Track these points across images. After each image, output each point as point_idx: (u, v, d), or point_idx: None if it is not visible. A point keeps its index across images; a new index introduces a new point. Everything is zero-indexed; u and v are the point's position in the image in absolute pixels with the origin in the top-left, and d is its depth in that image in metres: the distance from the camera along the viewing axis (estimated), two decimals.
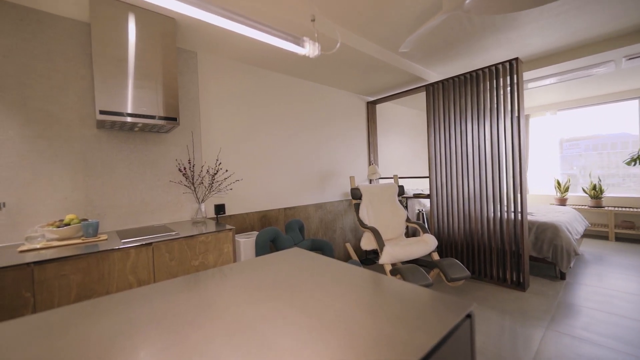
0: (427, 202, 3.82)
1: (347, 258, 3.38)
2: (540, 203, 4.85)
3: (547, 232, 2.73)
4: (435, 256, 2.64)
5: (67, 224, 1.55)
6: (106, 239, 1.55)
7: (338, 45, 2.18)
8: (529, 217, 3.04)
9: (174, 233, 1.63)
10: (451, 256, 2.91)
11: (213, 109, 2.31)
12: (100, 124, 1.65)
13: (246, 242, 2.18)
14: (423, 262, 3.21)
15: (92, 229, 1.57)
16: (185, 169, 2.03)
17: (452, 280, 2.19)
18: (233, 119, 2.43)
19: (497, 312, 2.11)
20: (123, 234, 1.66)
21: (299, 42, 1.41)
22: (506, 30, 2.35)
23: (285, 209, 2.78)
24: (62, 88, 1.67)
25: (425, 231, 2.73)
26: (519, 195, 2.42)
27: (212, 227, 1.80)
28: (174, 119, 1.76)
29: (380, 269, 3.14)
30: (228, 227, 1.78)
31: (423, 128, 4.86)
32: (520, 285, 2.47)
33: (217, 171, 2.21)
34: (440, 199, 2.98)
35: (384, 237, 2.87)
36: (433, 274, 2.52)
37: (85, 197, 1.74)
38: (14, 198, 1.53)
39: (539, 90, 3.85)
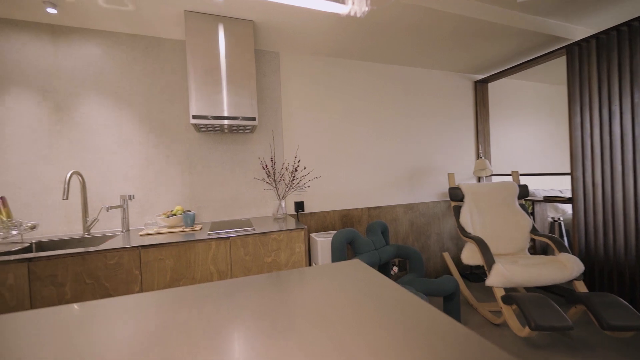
0: (567, 207, 2.82)
1: (444, 270, 2.86)
2: None
3: None
4: (581, 287, 1.86)
5: (174, 214, 1.84)
6: (200, 229, 1.75)
7: None
8: None
9: (250, 229, 1.68)
10: (609, 290, 2.00)
11: (294, 106, 2.32)
12: (197, 128, 1.88)
13: (324, 241, 2.09)
14: (559, 292, 2.36)
15: (189, 220, 1.80)
16: (266, 166, 2.10)
17: (613, 329, 1.47)
18: (313, 116, 2.38)
19: None
20: (215, 226, 1.84)
21: None
22: None
23: (368, 208, 2.56)
24: (172, 100, 1.98)
25: (562, 249, 1.97)
26: None
27: (291, 224, 1.79)
28: (253, 119, 1.83)
29: (489, 293, 2.51)
30: (300, 226, 1.72)
31: (560, 107, 3.63)
32: None
33: (296, 168, 2.20)
34: (591, 205, 2.09)
35: (494, 250, 2.25)
36: (575, 313, 1.78)
37: (189, 191, 2.03)
38: (141, 192, 1.92)
39: None
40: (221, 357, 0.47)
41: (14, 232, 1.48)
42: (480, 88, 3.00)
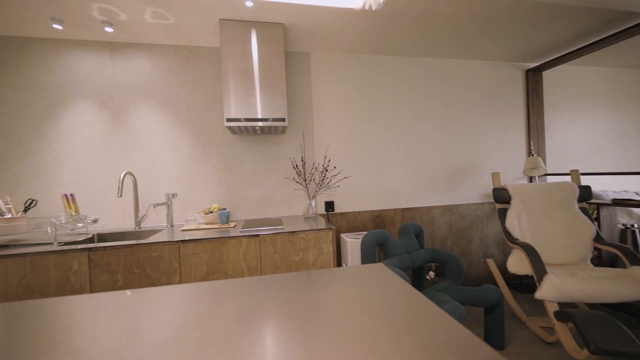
0: None
1: (487, 278, 2.63)
2: None
3: None
4: None
5: (211, 212, 1.95)
6: (233, 227, 1.84)
7: None
8: None
9: (279, 227, 1.72)
10: None
11: (325, 106, 2.31)
12: (232, 130, 1.97)
13: (353, 242, 2.06)
14: (631, 311, 2.02)
15: (224, 217, 1.90)
16: (297, 166, 2.13)
17: None
18: (344, 115, 2.35)
19: None
20: (247, 224, 1.92)
21: None
22: None
23: (402, 209, 2.46)
24: (210, 105, 2.11)
25: (636, 261, 1.69)
26: None
27: (321, 224, 1.80)
28: (283, 120, 1.86)
29: (541, 307, 2.24)
30: (329, 226, 1.71)
31: (634, 96, 3.09)
32: None
33: (326, 168, 2.20)
34: None
35: (547, 260, 2.00)
36: None
37: (225, 190, 2.15)
38: (182, 190, 2.08)
39: None
40: (252, 347, 0.49)
41: (80, 225, 1.70)
42: (533, 77, 2.69)
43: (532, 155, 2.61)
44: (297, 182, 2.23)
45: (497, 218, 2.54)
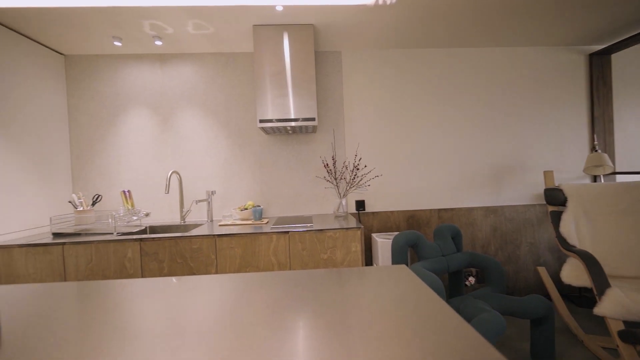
0: None
1: (537, 288, 2.37)
2: None
3: None
4: None
5: (246, 209, 2.06)
6: (266, 223, 1.92)
7: None
8: None
9: (308, 225, 1.75)
10: None
11: (356, 104, 2.29)
12: (265, 131, 2.06)
13: (384, 242, 2.01)
14: None
15: (257, 214, 1.99)
16: (327, 165, 2.15)
17: None
18: (376, 112, 2.30)
19: None
20: (279, 221, 1.99)
21: None
22: None
23: (439, 210, 2.33)
24: (245, 107, 2.23)
25: None
26: None
27: (351, 222, 1.79)
28: (313, 119, 1.89)
29: (602, 324, 1.96)
30: (357, 225, 1.70)
31: None
32: None
33: (357, 167, 2.18)
34: None
35: (610, 271, 1.74)
36: None
37: (260, 188, 2.25)
38: (220, 187, 2.22)
39: None
40: (282, 336, 0.52)
41: (134, 218, 1.93)
42: (599, 62, 2.35)
43: (596, 151, 2.29)
44: (328, 180, 2.24)
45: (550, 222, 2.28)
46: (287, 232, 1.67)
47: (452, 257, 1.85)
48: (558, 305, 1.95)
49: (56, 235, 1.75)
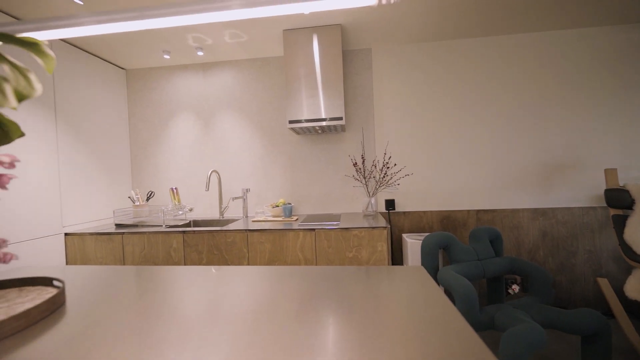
0: None
1: (597, 302, 2.08)
2: None
3: None
4: None
5: (277, 206, 2.16)
6: (295, 220, 1.99)
7: None
8: None
9: (335, 223, 1.78)
10: None
11: (387, 102, 2.25)
12: (295, 131, 2.13)
13: (414, 243, 1.95)
14: None
15: (287, 211, 2.07)
16: (356, 163, 2.14)
17: None
18: (408, 109, 2.23)
19: None
20: (308, 218, 2.05)
21: None
22: None
23: (477, 211, 2.18)
24: (277, 109, 2.32)
25: None
26: None
27: (379, 222, 1.78)
28: (340, 118, 1.91)
29: None
30: (382, 225, 1.68)
31: None
32: None
33: (386, 166, 2.14)
34: None
35: None
36: None
37: (291, 186, 2.33)
38: (254, 186, 2.36)
39: None
40: (306, 326, 0.57)
41: (180, 212, 2.14)
42: None
43: None
44: (357, 179, 2.24)
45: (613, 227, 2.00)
46: (314, 229, 1.71)
47: (489, 262, 1.73)
48: (621, 321, 1.70)
49: (118, 225, 2.03)
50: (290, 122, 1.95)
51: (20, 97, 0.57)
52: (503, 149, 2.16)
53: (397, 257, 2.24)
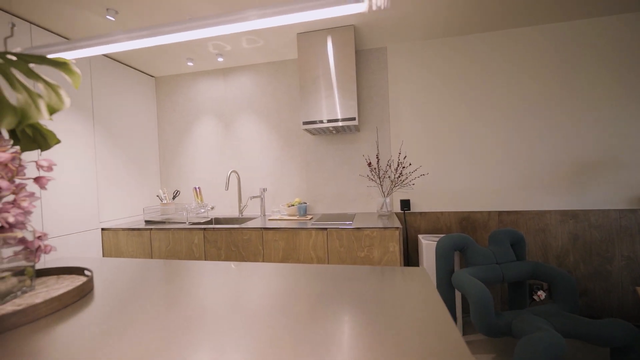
0: None
1: (636, 312, 1.90)
2: None
3: None
4: None
5: (293, 205, 2.22)
6: (310, 219, 2.03)
7: None
8: None
9: (347, 223, 1.80)
10: None
11: (403, 101, 2.21)
12: (310, 132, 2.17)
13: (430, 244, 1.91)
14: None
15: (302, 210, 2.12)
16: (370, 163, 2.14)
17: None
18: (424, 108, 2.18)
19: None
20: (323, 217, 2.08)
21: None
22: None
23: (499, 212, 2.08)
24: (293, 110, 2.38)
25: None
26: None
27: (393, 222, 1.77)
28: (353, 119, 1.92)
29: None
30: (395, 225, 1.67)
31: None
32: None
33: (400, 165, 2.11)
34: None
35: None
36: None
37: (306, 186, 2.38)
38: (271, 185, 2.43)
39: None
40: (321, 323, 0.62)
41: (202, 210, 2.27)
42: None
43: None
44: (371, 179, 2.23)
45: None
46: (326, 228, 1.74)
47: (508, 266, 1.66)
48: None
49: (147, 222, 2.20)
50: (304, 123, 2.00)
51: (52, 111, 0.66)
52: (528, 146, 2.04)
53: (413, 258, 2.21)
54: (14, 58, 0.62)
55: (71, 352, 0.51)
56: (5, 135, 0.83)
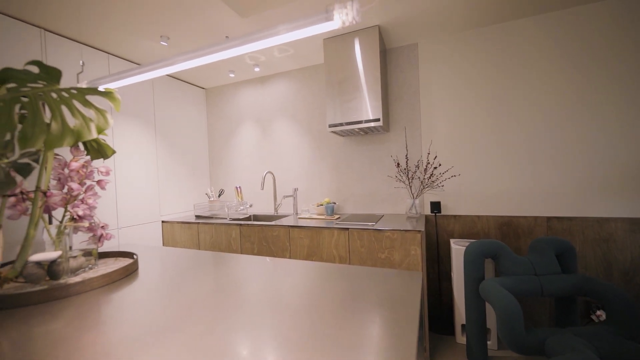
0: None
1: None
2: None
3: None
4: None
5: (322, 205, 2.30)
6: (336, 219, 2.09)
7: None
8: None
9: (370, 224, 1.81)
10: None
11: (434, 98, 2.12)
12: (337, 134, 2.22)
13: (459, 250, 1.81)
14: None
15: (329, 210, 2.19)
16: (399, 164, 2.10)
17: None
18: (459, 106, 2.05)
19: None
20: (350, 217, 2.12)
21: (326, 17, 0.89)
22: None
23: (549, 218, 1.86)
24: (323, 113, 2.46)
25: None
26: None
27: (420, 224, 1.73)
28: (377, 120, 1.91)
29: None
30: (417, 228, 1.63)
31: None
32: None
33: (430, 165, 2.02)
34: None
35: None
36: None
37: (336, 187, 2.44)
38: (302, 185, 2.55)
39: None
40: (338, 321, 0.73)
41: (241, 208, 2.51)
42: None
43: None
44: (399, 180, 2.19)
45: None
46: (347, 229, 1.79)
47: (550, 278, 1.48)
48: None
49: (197, 217, 2.52)
50: (330, 125, 2.06)
51: (100, 130, 0.85)
52: (586, 144, 1.77)
53: (445, 263, 2.10)
54: (75, 92, 0.83)
55: (108, 313, 0.68)
56: (81, 147, 1.08)
